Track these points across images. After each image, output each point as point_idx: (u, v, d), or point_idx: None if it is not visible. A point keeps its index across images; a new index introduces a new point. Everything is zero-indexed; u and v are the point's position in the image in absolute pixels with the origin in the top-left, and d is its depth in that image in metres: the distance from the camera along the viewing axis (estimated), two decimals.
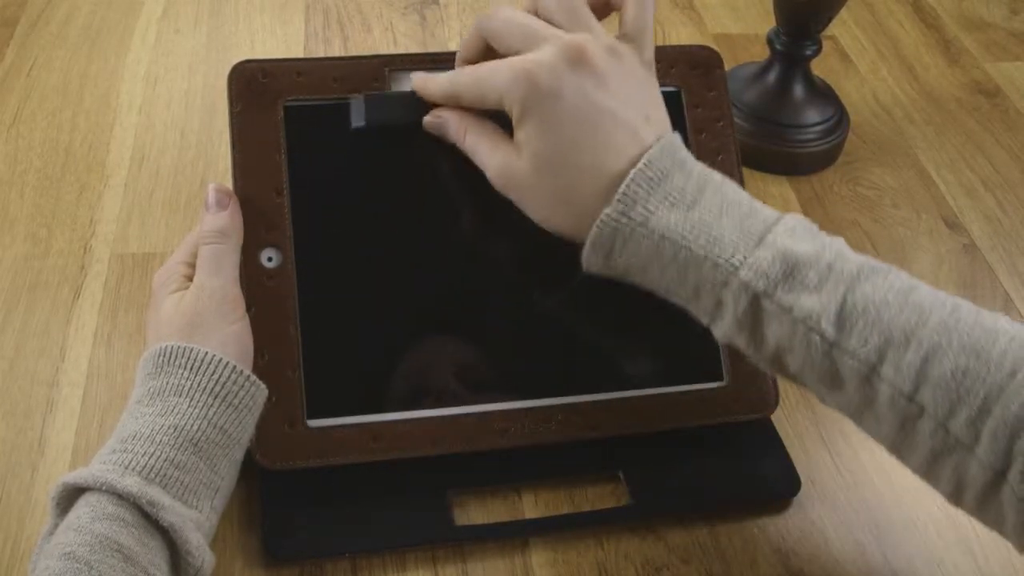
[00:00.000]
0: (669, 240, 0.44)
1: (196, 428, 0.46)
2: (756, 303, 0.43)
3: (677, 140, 0.47)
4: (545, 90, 0.46)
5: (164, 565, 0.43)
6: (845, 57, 0.89)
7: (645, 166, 0.45)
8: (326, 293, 0.53)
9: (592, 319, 0.56)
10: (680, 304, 0.47)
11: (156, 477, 0.44)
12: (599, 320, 0.56)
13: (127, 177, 0.71)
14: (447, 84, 0.51)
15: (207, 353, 0.47)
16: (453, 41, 0.86)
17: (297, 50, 0.84)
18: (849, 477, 0.56)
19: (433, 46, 0.85)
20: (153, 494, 0.43)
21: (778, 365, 0.45)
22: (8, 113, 0.76)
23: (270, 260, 0.53)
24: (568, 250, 0.49)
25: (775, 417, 0.58)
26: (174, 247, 0.55)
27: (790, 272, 0.43)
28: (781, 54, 0.74)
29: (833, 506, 0.55)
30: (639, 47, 0.49)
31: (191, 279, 0.51)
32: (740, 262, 0.43)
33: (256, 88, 0.54)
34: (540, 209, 0.48)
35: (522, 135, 0.47)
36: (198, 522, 0.45)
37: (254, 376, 0.49)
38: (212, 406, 0.47)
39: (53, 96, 0.78)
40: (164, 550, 0.43)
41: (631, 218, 0.45)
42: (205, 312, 0.49)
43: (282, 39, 0.85)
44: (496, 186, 0.49)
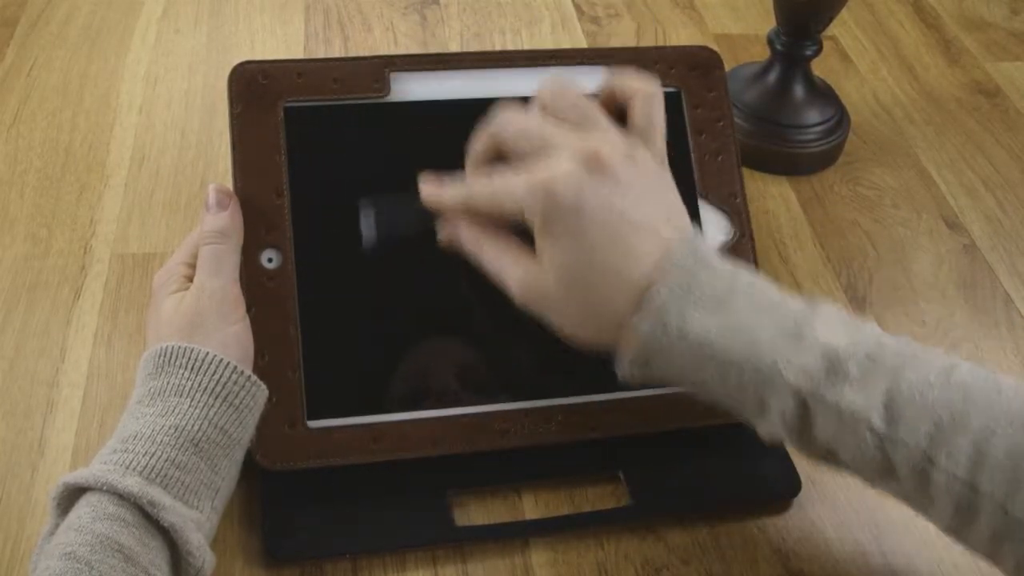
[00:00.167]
0: (707, 347, 0.44)
1: (197, 428, 0.46)
2: (802, 403, 0.43)
3: (699, 238, 0.46)
4: (566, 202, 0.44)
5: (165, 565, 0.43)
6: (845, 57, 0.89)
7: (672, 271, 0.44)
8: (326, 294, 0.53)
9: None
10: (720, 404, 0.46)
11: (157, 477, 0.44)
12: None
13: (127, 177, 0.71)
14: (461, 196, 0.49)
15: (208, 353, 0.47)
16: (453, 41, 0.86)
17: (297, 50, 0.84)
18: (849, 477, 0.56)
19: (434, 46, 0.85)
20: (154, 494, 0.43)
21: (829, 458, 0.44)
22: (8, 113, 0.76)
23: (270, 261, 0.53)
24: None
25: None
26: (174, 247, 0.55)
27: (832, 368, 0.42)
28: (781, 54, 0.74)
29: (833, 506, 0.55)
30: (650, 142, 0.49)
31: (191, 280, 0.51)
32: (783, 363, 0.43)
33: (256, 89, 0.54)
34: (568, 322, 0.47)
35: (545, 248, 0.46)
36: (199, 522, 0.45)
37: (255, 376, 0.49)
38: (213, 406, 0.47)
39: (53, 96, 0.78)
40: (165, 550, 0.43)
41: (665, 327, 0.44)
42: (205, 312, 0.49)
43: (282, 39, 0.85)
44: (519, 301, 0.47)
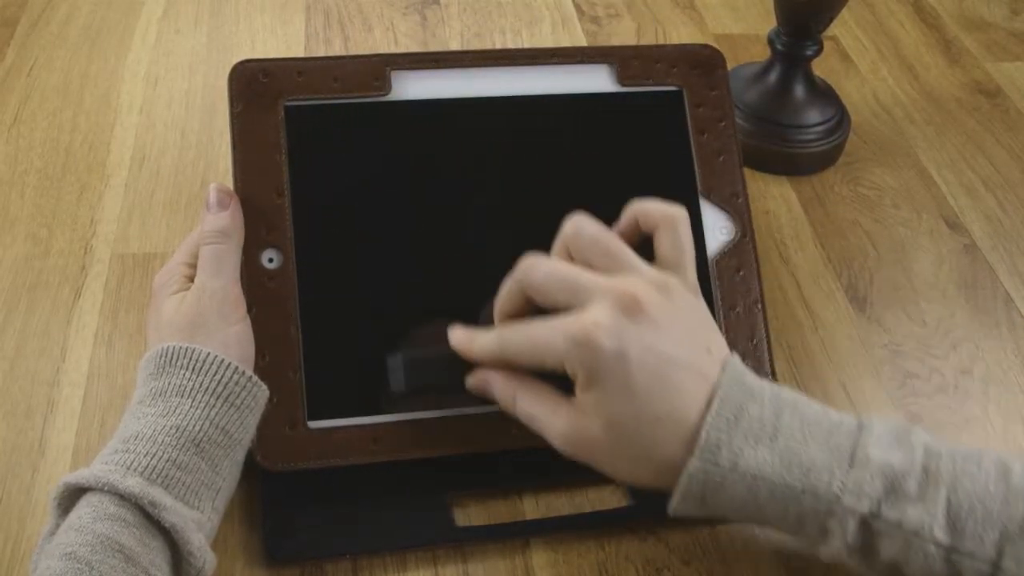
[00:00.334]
0: (762, 479, 0.43)
1: (198, 428, 0.46)
2: (864, 525, 0.43)
3: (739, 365, 0.46)
4: (610, 353, 0.43)
5: (165, 566, 0.43)
6: (846, 57, 0.89)
7: (720, 406, 0.44)
8: (327, 294, 0.53)
9: None
10: (777, 530, 0.46)
11: (158, 477, 0.44)
12: None
13: (128, 177, 0.71)
14: (495, 347, 0.48)
15: (209, 353, 0.47)
16: (454, 41, 0.86)
17: (298, 50, 0.84)
18: None
19: (434, 46, 0.85)
20: (155, 494, 0.43)
21: (895, 573, 0.44)
22: (8, 113, 0.76)
23: (271, 261, 0.53)
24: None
25: None
26: (175, 247, 0.55)
27: (890, 487, 0.43)
28: (782, 54, 0.74)
29: None
30: (681, 271, 0.48)
31: (192, 280, 0.51)
32: (839, 488, 0.43)
33: (257, 88, 0.54)
34: (618, 468, 0.46)
35: (591, 399, 0.45)
36: (199, 523, 0.45)
37: (256, 376, 0.49)
38: (214, 406, 0.47)
39: (53, 96, 0.78)
40: (165, 551, 0.43)
41: (719, 465, 0.44)
42: (206, 313, 0.49)
43: (282, 39, 0.85)
44: (563, 451, 0.47)
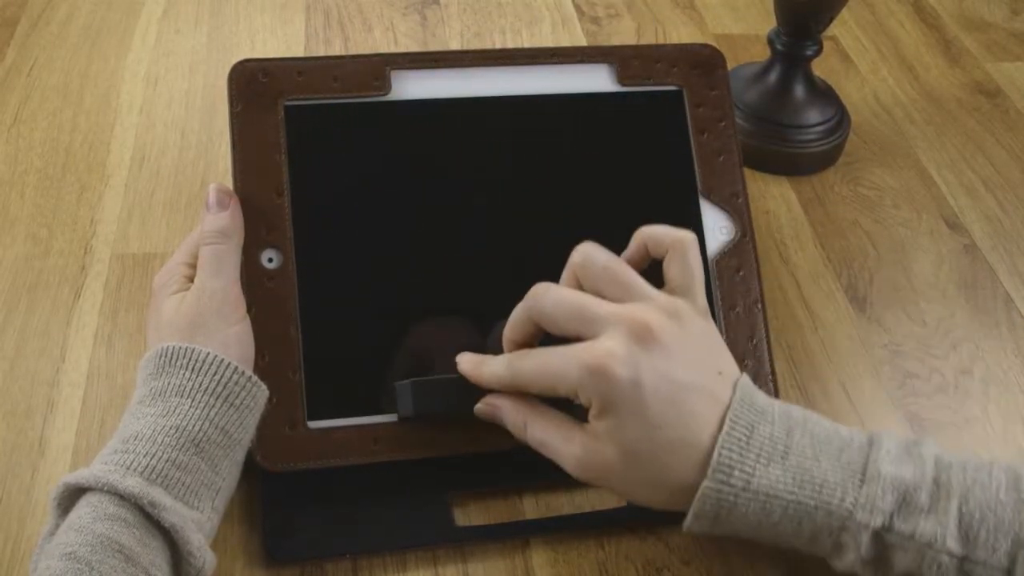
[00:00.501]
0: (775, 498, 0.44)
1: (197, 428, 0.46)
2: (878, 539, 0.43)
3: (749, 385, 0.47)
4: (624, 382, 0.44)
5: (165, 566, 0.43)
6: (846, 57, 0.89)
7: (731, 427, 0.44)
8: (326, 294, 0.53)
9: None
10: (793, 548, 0.46)
11: (157, 478, 0.44)
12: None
13: (127, 177, 0.71)
14: (505, 373, 0.48)
15: (208, 353, 0.47)
16: (454, 41, 0.86)
17: (297, 50, 0.84)
18: None
19: (434, 46, 0.85)
20: (154, 495, 0.43)
21: None
22: (8, 113, 0.76)
23: (270, 261, 0.53)
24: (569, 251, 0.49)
25: None
26: (175, 247, 0.55)
27: (902, 500, 0.43)
28: (782, 54, 0.74)
29: None
30: (690, 295, 0.48)
31: (192, 280, 0.51)
32: (852, 504, 0.43)
33: (256, 88, 0.54)
34: (633, 492, 0.47)
35: (605, 427, 0.45)
36: (199, 523, 0.45)
37: (255, 376, 0.49)
38: (213, 406, 0.47)
39: (53, 96, 0.78)
40: (165, 551, 0.43)
41: (732, 485, 0.44)
42: (206, 313, 0.49)
43: (282, 39, 0.85)
44: (578, 477, 0.47)
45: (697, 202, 0.58)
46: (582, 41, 0.88)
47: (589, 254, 0.48)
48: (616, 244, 0.50)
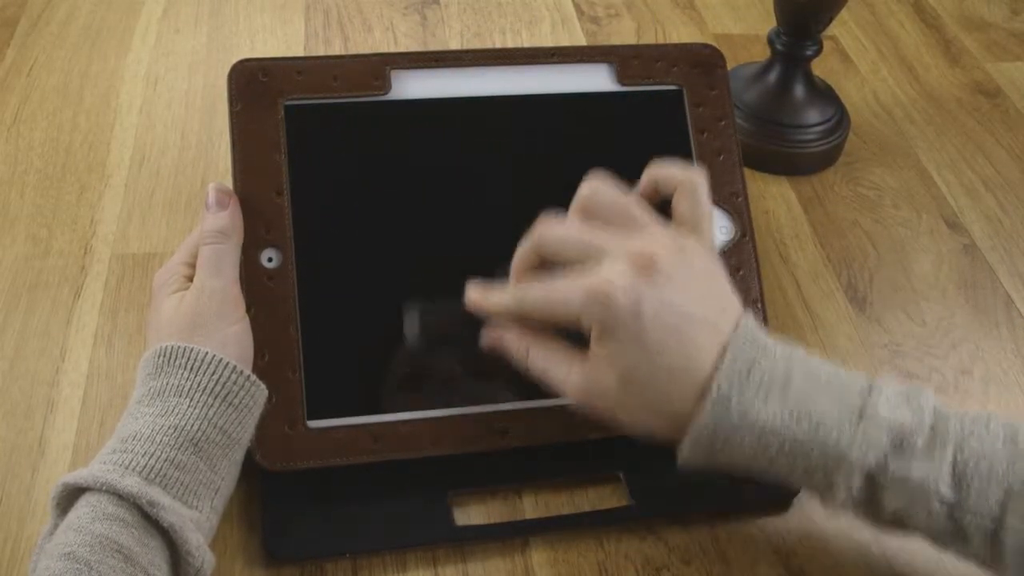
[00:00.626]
0: (771, 432, 0.44)
1: (196, 428, 0.46)
2: (870, 479, 0.44)
3: (752, 322, 0.47)
4: (625, 308, 0.44)
5: (164, 565, 0.43)
6: (845, 57, 0.89)
7: (731, 361, 0.45)
8: (326, 293, 0.53)
9: None
10: (785, 483, 0.46)
11: (156, 477, 0.44)
12: None
13: (127, 177, 0.71)
14: (511, 303, 0.49)
15: (207, 353, 0.47)
16: (454, 41, 0.86)
17: (297, 50, 0.84)
18: None
19: (434, 46, 0.85)
20: (153, 494, 0.43)
21: (897, 527, 0.45)
22: (8, 113, 0.76)
23: (270, 260, 0.53)
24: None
25: None
26: (174, 247, 0.55)
27: (898, 443, 0.43)
28: (782, 54, 0.74)
29: None
30: (698, 232, 0.49)
31: (191, 279, 0.51)
32: (848, 443, 0.43)
33: (256, 87, 0.54)
34: (630, 419, 0.47)
35: (604, 352, 0.46)
36: (198, 522, 0.45)
37: (254, 376, 0.49)
38: (212, 406, 0.47)
39: (53, 96, 0.78)
40: (164, 550, 0.43)
41: (729, 416, 0.44)
42: (205, 313, 0.49)
43: (282, 39, 0.85)
44: (578, 402, 0.48)
45: None
46: (582, 41, 0.88)
47: (598, 187, 0.49)
48: None
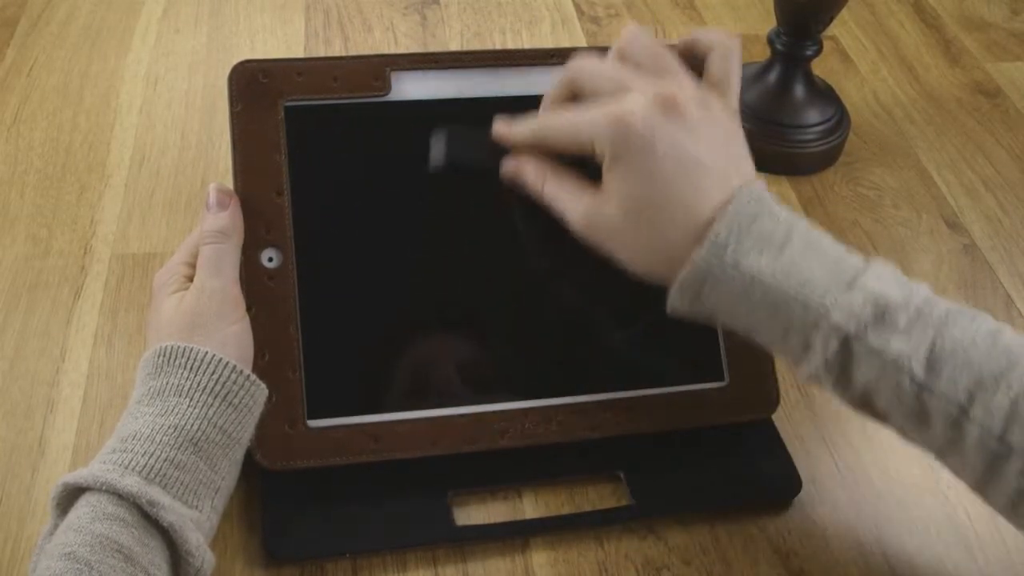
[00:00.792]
0: (759, 282, 0.44)
1: (196, 428, 0.46)
2: (846, 345, 0.44)
3: (763, 186, 0.47)
4: (638, 137, 0.46)
5: (164, 565, 0.43)
6: (845, 57, 0.89)
7: (734, 211, 0.45)
8: (326, 293, 0.53)
9: (592, 320, 0.56)
10: (763, 344, 0.47)
11: (156, 477, 0.44)
12: (599, 321, 0.56)
13: (127, 177, 0.71)
14: (534, 127, 0.51)
15: (207, 353, 0.47)
16: (454, 41, 0.86)
17: (297, 50, 0.84)
18: (849, 477, 0.56)
19: (434, 46, 0.85)
20: (153, 494, 0.43)
21: (865, 405, 0.45)
22: (8, 113, 0.76)
23: (270, 260, 0.53)
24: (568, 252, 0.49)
25: (776, 417, 0.58)
26: (174, 247, 0.55)
27: (880, 315, 0.43)
28: (782, 54, 0.74)
29: (833, 506, 0.55)
30: (725, 95, 0.50)
31: (192, 279, 0.51)
32: (831, 304, 0.43)
33: (256, 88, 0.54)
34: (628, 253, 0.48)
35: (612, 181, 0.47)
36: (198, 522, 0.45)
37: (254, 376, 0.49)
38: (212, 406, 0.47)
39: (53, 96, 0.78)
40: (164, 550, 0.43)
41: (722, 261, 0.45)
42: (205, 312, 0.49)
43: (282, 39, 0.85)
44: (580, 232, 0.49)
45: None
46: (582, 41, 0.88)
47: (635, 33, 0.50)
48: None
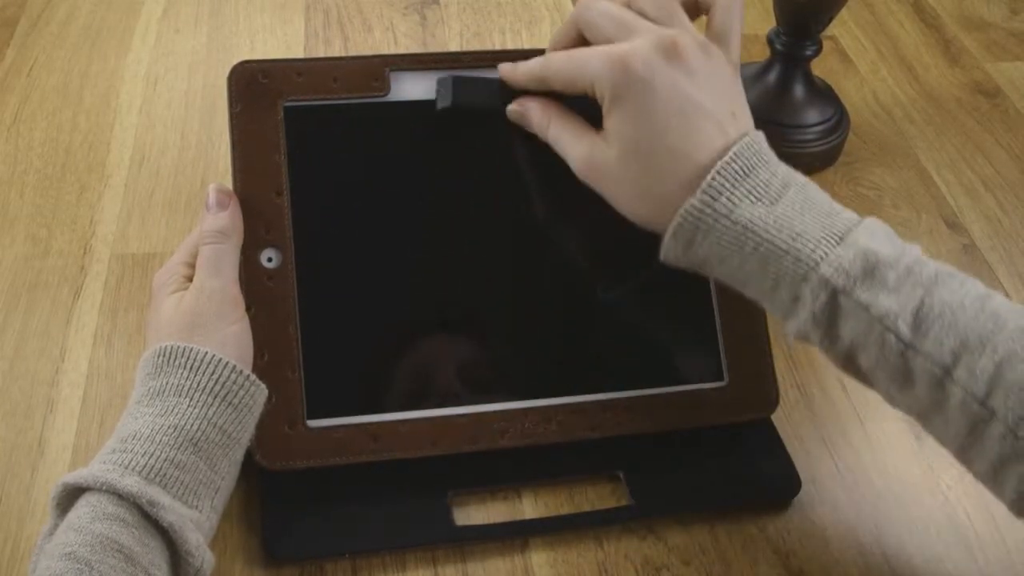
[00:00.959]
0: (751, 232, 0.45)
1: (196, 428, 0.46)
2: (834, 299, 0.44)
3: (761, 137, 0.48)
4: (638, 78, 0.46)
5: (164, 565, 0.43)
6: (845, 57, 0.89)
7: (731, 159, 0.46)
8: (326, 293, 0.53)
9: (592, 320, 0.56)
10: (754, 297, 0.47)
11: (156, 477, 0.44)
12: (599, 321, 0.56)
13: (127, 177, 0.71)
14: (538, 67, 0.52)
15: (207, 353, 0.47)
16: (453, 41, 0.86)
17: (297, 50, 0.84)
18: (849, 477, 0.56)
19: (433, 46, 0.85)
20: (153, 494, 0.43)
21: (850, 363, 0.45)
22: (8, 113, 0.76)
23: (270, 260, 0.53)
24: (568, 252, 0.49)
25: (775, 417, 0.58)
26: (174, 247, 0.55)
27: (870, 271, 0.43)
28: (781, 54, 0.74)
29: (833, 506, 0.55)
30: (726, 48, 0.50)
31: (191, 279, 0.51)
32: (821, 257, 0.44)
33: (256, 88, 0.54)
34: (623, 197, 0.49)
35: (611, 122, 0.48)
36: (198, 522, 0.45)
37: (254, 376, 0.49)
38: (212, 406, 0.47)
39: (53, 96, 0.78)
40: (164, 550, 0.43)
41: (715, 209, 0.45)
42: (205, 312, 0.49)
43: (282, 39, 0.85)
44: (580, 174, 0.50)
45: None
46: None
47: None
48: (617, 244, 0.50)
